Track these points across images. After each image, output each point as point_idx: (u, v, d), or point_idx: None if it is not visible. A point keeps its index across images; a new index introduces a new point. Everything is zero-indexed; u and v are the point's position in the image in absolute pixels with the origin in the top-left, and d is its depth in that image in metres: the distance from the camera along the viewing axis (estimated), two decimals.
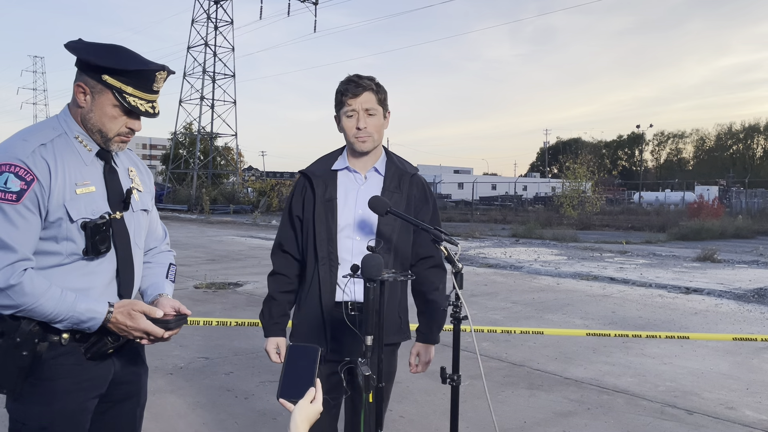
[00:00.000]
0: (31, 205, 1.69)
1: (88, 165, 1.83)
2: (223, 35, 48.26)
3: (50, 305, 1.69)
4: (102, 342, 1.80)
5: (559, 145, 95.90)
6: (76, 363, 1.80)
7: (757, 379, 5.23)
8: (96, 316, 1.74)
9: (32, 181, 1.69)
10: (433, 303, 2.48)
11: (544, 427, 4.10)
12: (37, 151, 1.72)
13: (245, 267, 12.17)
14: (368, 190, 2.38)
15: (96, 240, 1.77)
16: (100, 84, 1.77)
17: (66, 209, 1.74)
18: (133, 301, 1.82)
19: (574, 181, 30.69)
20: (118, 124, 1.81)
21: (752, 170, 69.53)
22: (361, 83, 2.33)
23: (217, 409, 4.33)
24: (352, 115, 2.34)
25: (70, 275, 1.77)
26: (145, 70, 1.78)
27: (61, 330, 1.75)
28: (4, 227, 1.66)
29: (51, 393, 1.76)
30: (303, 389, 1.37)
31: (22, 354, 1.71)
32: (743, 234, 22.76)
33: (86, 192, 1.79)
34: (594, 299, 9.07)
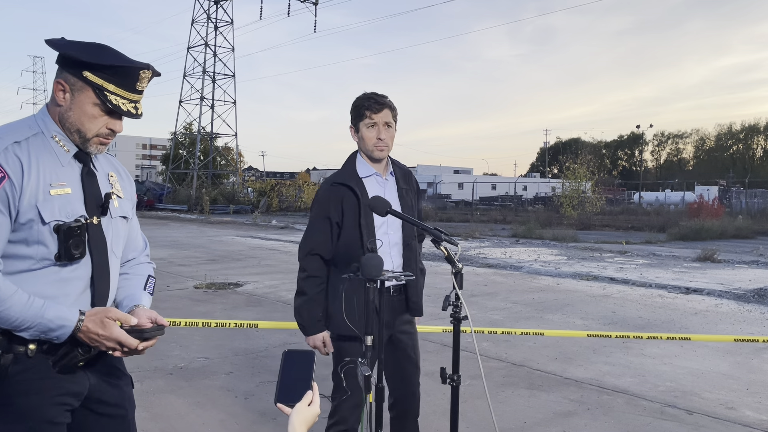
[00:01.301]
0: (1, 205, 1.60)
1: (64, 166, 1.72)
2: (223, 35, 48.29)
3: (15, 311, 1.57)
4: (72, 353, 1.68)
5: (559, 145, 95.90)
6: (45, 377, 1.67)
7: (757, 380, 5.23)
8: (66, 324, 1.62)
9: (2, 179, 1.60)
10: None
11: (544, 427, 4.10)
12: (10, 149, 1.63)
13: (245, 267, 12.17)
14: (390, 191, 2.80)
15: (69, 244, 1.66)
16: (80, 81, 1.68)
17: (38, 210, 1.63)
18: (107, 309, 1.71)
19: (574, 182, 30.70)
20: (98, 124, 1.72)
21: (752, 170, 69.53)
22: (382, 101, 2.72)
23: (217, 409, 4.33)
24: (372, 126, 2.71)
25: (40, 281, 1.66)
26: (129, 67, 1.70)
27: (27, 340, 1.63)
28: None
29: (21, 408, 1.64)
30: (300, 393, 1.39)
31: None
32: (743, 234, 22.76)
33: (61, 193, 1.68)
34: (594, 299, 9.07)
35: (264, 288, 9.53)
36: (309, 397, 1.39)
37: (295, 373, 1.42)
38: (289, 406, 1.37)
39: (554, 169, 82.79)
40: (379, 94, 2.76)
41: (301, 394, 1.39)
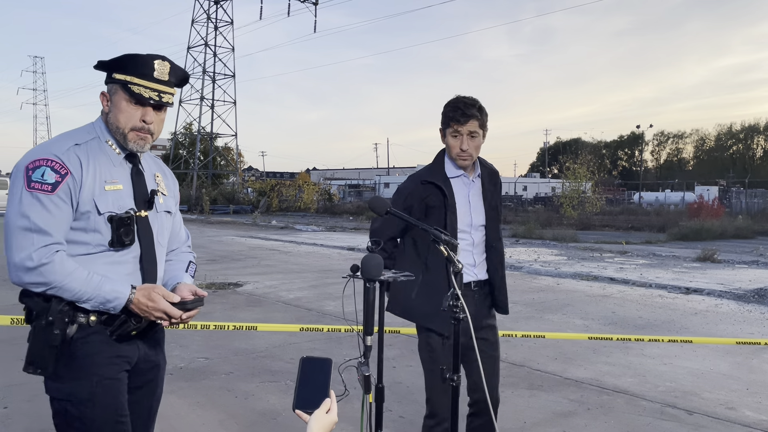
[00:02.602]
0: (65, 195, 1.87)
1: (116, 166, 2.00)
2: (223, 35, 48.32)
3: (77, 284, 1.84)
4: (127, 323, 1.94)
5: (559, 145, 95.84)
6: (105, 342, 1.94)
7: (757, 380, 5.23)
8: (120, 296, 1.88)
9: (66, 175, 1.87)
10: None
11: (544, 427, 4.10)
12: (71, 149, 1.91)
13: (245, 267, 12.18)
14: (475, 192, 2.89)
15: (120, 232, 1.93)
16: (113, 84, 1.96)
17: (95, 203, 1.91)
18: (154, 285, 1.98)
19: (574, 182, 30.70)
20: (132, 117, 1.96)
21: (752, 170, 69.50)
22: (468, 112, 2.72)
23: (217, 409, 4.33)
24: (456, 136, 2.76)
25: (97, 263, 1.92)
26: (140, 56, 1.94)
27: (88, 312, 1.90)
28: (40, 214, 1.84)
29: (87, 366, 1.91)
30: (318, 400, 1.40)
31: (53, 333, 1.86)
32: (743, 234, 22.77)
33: (114, 189, 1.96)
34: (594, 299, 9.07)
35: (264, 288, 9.53)
36: (327, 405, 1.40)
37: (312, 379, 1.43)
38: (307, 413, 1.38)
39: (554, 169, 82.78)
40: (467, 103, 2.74)
41: (319, 401, 1.39)
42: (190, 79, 30.70)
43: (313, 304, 8.28)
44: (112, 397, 1.95)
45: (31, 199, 1.84)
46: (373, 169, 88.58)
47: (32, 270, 1.82)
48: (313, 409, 1.38)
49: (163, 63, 1.98)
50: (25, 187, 1.85)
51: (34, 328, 1.88)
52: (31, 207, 1.84)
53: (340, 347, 5.99)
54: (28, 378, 5.29)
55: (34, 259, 1.81)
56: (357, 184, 61.14)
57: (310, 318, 7.37)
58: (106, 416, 1.92)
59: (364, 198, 47.43)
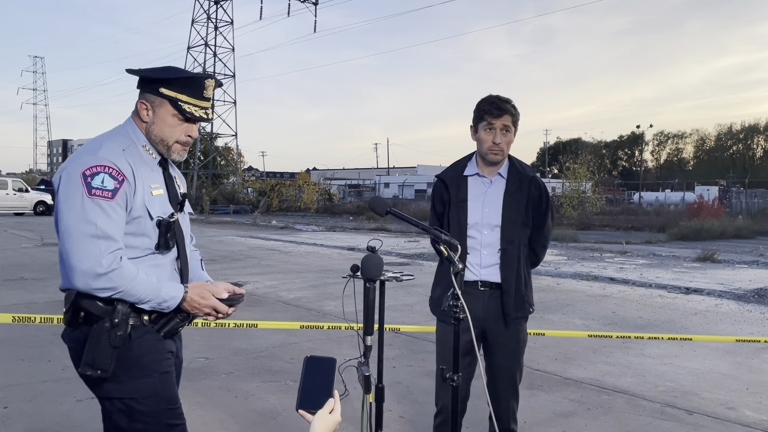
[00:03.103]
0: (121, 201, 1.93)
1: (154, 171, 2.07)
2: (223, 35, 48.31)
3: (141, 288, 1.91)
4: (174, 321, 2.05)
5: (559, 145, 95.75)
6: (156, 339, 2.03)
7: (757, 380, 5.23)
8: (176, 296, 1.98)
9: (123, 181, 1.93)
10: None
11: (544, 427, 4.10)
12: (122, 156, 1.96)
13: (245, 267, 12.18)
14: (494, 192, 2.84)
15: (168, 237, 2.02)
16: (159, 97, 2.01)
17: (146, 208, 1.98)
18: (204, 283, 2.09)
19: (574, 182, 30.70)
20: (178, 132, 2.05)
21: (752, 170, 69.48)
22: (503, 107, 2.74)
23: (217, 409, 4.33)
24: (490, 130, 2.76)
25: (142, 266, 1.97)
26: (196, 77, 2.03)
27: (142, 312, 1.98)
28: (105, 221, 1.89)
29: (147, 364, 2.00)
30: (322, 400, 1.39)
31: (117, 334, 1.92)
32: (743, 234, 22.76)
33: (158, 194, 2.04)
34: (594, 299, 9.07)
35: (264, 288, 9.53)
36: (330, 405, 1.39)
37: (316, 379, 1.42)
38: (310, 413, 1.38)
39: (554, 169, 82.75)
40: (501, 99, 2.78)
41: (323, 401, 1.39)
42: None
43: (313, 304, 8.28)
44: (170, 388, 2.07)
45: (94, 205, 1.88)
46: (373, 169, 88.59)
47: (102, 276, 1.86)
48: (317, 409, 1.38)
49: (212, 81, 2.07)
50: (86, 194, 1.88)
51: (95, 331, 1.92)
52: (96, 214, 1.88)
53: (340, 347, 5.99)
54: (28, 378, 5.32)
55: (104, 265, 1.86)
56: (357, 184, 61.13)
57: (310, 318, 7.37)
58: (167, 407, 2.04)
59: (364, 198, 47.42)
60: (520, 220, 2.83)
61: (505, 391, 2.91)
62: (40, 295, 8.55)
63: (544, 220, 2.91)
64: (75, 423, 4.03)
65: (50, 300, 8.15)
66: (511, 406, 2.93)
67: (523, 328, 2.96)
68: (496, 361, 2.91)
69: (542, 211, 2.90)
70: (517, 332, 2.92)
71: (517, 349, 2.93)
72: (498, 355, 2.90)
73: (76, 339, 1.98)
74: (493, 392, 2.88)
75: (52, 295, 8.57)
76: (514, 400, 2.95)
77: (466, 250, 2.83)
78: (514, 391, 2.94)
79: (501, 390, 2.91)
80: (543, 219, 2.90)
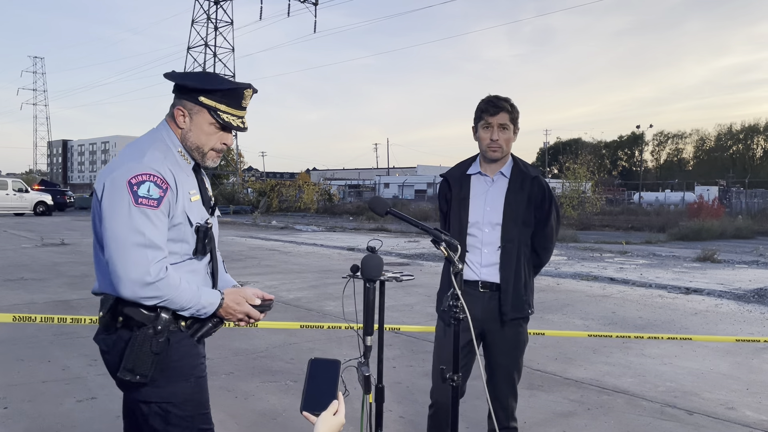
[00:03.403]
0: (165, 209, 1.94)
1: (189, 176, 2.07)
2: (223, 36, 48.32)
3: (185, 296, 1.94)
4: (207, 326, 2.08)
5: (559, 145, 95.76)
6: (191, 344, 2.07)
7: (757, 380, 5.23)
8: (214, 302, 2.01)
9: (167, 189, 1.94)
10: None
11: (544, 427, 4.10)
12: (163, 162, 1.97)
13: (246, 267, 12.18)
14: (496, 191, 2.88)
15: (205, 242, 2.05)
16: (197, 105, 2.01)
17: (187, 215, 2.00)
18: (237, 289, 2.12)
19: (574, 182, 30.70)
20: (214, 140, 2.06)
21: (752, 170, 69.48)
22: (499, 104, 2.80)
23: (216, 409, 4.30)
24: (487, 128, 2.81)
25: (180, 272, 1.99)
26: (236, 88, 2.02)
27: (180, 317, 2.00)
28: (151, 230, 1.89)
29: (185, 368, 2.04)
30: (326, 402, 1.39)
31: (159, 341, 1.94)
32: (743, 234, 22.76)
33: (196, 199, 2.06)
34: (594, 299, 9.07)
35: (264, 288, 9.45)
36: (335, 407, 1.39)
37: (320, 381, 1.42)
38: (314, 415, 1.38)
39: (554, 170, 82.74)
40: (498, 98, 2.83)
41: (327, 403, 1.39)
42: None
43: (313, 305, 8.28)
44: (204, 393, 2.11)
45: (141, 215, 1.88)
46: (373, 169, 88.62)
47: (150, 285, 1.88)
48: (321, 410, 1.38)
49: (250, 91, 2.07)
50: (133, 203, 1.88)
51: (137, 337, 1.93)
52: (143, 223, 1.88)
53: (340, 347, 5.98)
54: (28, 378, 5.31)
55: (152, 274, 1.87)
56: (357, 185, 61.14)
57: (310, 318, 7.37)
58: (201, 412, 2.08)
59: (364, 198, 47.41)
60: (521, 219, 2.84)
61: (503, 390, 2.92)
62: (40, 295, 8.55)
63: (547, 220, 2.91)
64: (75, 423, 4.03)
65: (50, 300, 8.14)
66: (510, 404, 2.94)
67: (522, 330, 2.97)
68: (495, 361, 2.92)
69: (545, 212, 2.90)
70: (516, 334, 2.92)
71: (516, 350, 2.94)
72: (497, 355, 2.91)
73: (112, 344, 1.99)
74: (491, 391, 2.88)
75: (51, 295, 8.57)
76: (513, 398, 2.96)
77: (466, 248, 2.85)
78: (512, 391, 2.95)
79: (499, 389, 2.92)
80: (546, 219, 2.90)
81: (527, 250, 2.90)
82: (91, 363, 5.29)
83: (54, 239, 17.35)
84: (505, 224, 2.83)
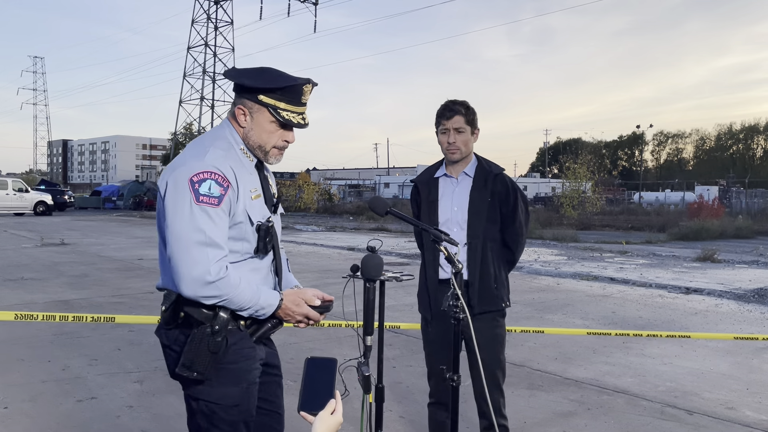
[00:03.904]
0: (226, 208, 1.93)
1: (251, 174, 2.06)
2: (223, 35, 48.33)
3: (245, 296, 1.92)
4: (266, 326, 2.06)
5: (559, 145, 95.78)
6: (248, 346, 2.04)
7: (757, 379, 5.23)
8: (273, 303, 1.99)
9: (228, 187, 1.93)
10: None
11: (544, 427, 4.10)
12: (226, 160, 1.96)
13: None
14: (461, 191, 2.97)
15: (266, 241, 2.03)
16: (257, 104, 2.00)
17: (248, 213, 1.99)
18: (297, 290, 2.08)
19: (574, 182, 30.68)
20: (275, 137, 2.04)
21: (752, 170, 69.47)
22: (453, 108, 2.90)
23: None
24: (445, 132, 2.92)
25: (241, 271, 1.98)
26: (295, 85, 1.99)
27: (239, 317, 1.99)
28: (212, 228, 1.89)
29: (239, 372, 2.01)
30: (323, 401, 1.39)
31: (216, 340, 1.93)
32: (743, 234, 22.74)
33: (257, 198, 2.04)
34: (594, 299, 9.07)
35: None
36: (332, 405, 1.39)
37: (317, 380, 1.42)
38: (312, 414, 1.37)
39: (554, 169, 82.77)
40: (454, 102, 2.93)
41: (324, 402, 1.38)
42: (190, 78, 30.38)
43: None
44: (252, 401, 2.06)
45: (202, 213, 1.88)
46: (373, 169, 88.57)
47: (210, 284, 1.87)
48: (318, 410, 1.37)
49: (310, 86, 2.04)
50: (194, 201, 1.88)
51: (196, 335, 1.93)
52: (205, 221, 1.88)
53: (341, 347, 5.98)
54: (28, 378, 5.31)
55: (212, 273, 1.87)
56: (357, 184, 61.11)
57: None
58: (244, 419, 2.04)
59: (364, 198, 47.41)
60: (485, 215, 2.92)
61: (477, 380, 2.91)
62: (40, 295, 8.55)
63: (514, 214, 2.97)
64: (75, 423, 4.03)
65: (50, 300, 8.15)
66: (496, 400, 2.94)
67: (498, 324, 3.00)
68: (473, 357, 2.93)
69: (511, 207, 2.96)
70: (490, 327, 2.95)
71: (493, 343, 2.96)
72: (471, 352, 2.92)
73: (174, 339, 2.00)
74: (476, 388, 2.90)
75: (51, 295, 8.58)
76: (498, 394, 2.97)
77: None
78: (496, 386, 2.96)
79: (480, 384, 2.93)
80: (513, 214, 2.97)
81: (495, 245, 2.97)
82: (91, 363, 5.30)
83: (54, 239, 17.35)
84: (470, 221, 2.92)
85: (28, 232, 20.21)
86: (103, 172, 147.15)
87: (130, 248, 15.60)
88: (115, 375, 5.04)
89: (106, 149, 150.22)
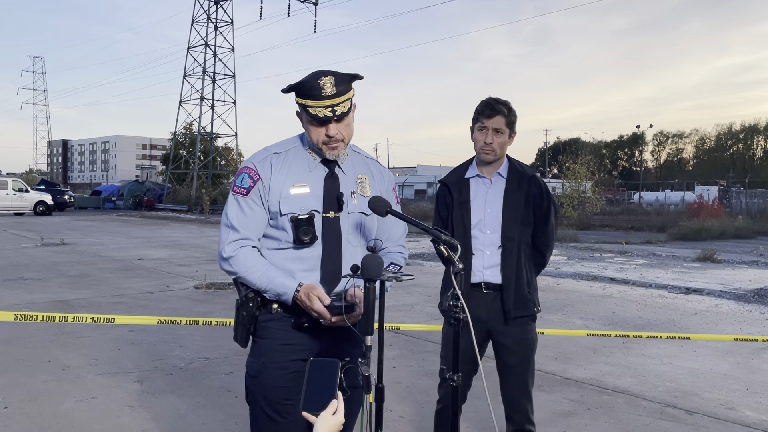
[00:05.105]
0: (256, 198, 2.16)
1: (311, 171, 2.20)
2: (223, 35, 48.25)
3: (254, 277, 2.12)
4: (299, 316, 2.15)
5: (558, 145, 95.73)
6: (282, 329, 2.17)
7: (757, 380, 5.23)
8: (287, 291, 2.10)
9: (257, 180, 2.16)
10: None
11: (544, 427, 4.10)
12: (268, 158, 2.20)
13: None
14: (494, 192, 2.90)
15: (300, 231, 2.13)
16: (299, 107, 2.16)
17: (279, 205, 2.15)
18: (314, 285, 2.11)
19: (574, 182, 30.65)
20: (317, 133, 2.15)
21: (752, 170, 69.47)
22: (496, 107, 2.82)
23: (217, 409, 4.32)
24: (482, 130, 2.84)
25: (284, 257, 2.17)
26: (306, 81, 2.09)
27: (273, 301, 2.16)
28: (235, 213, 2.17)
29: (261, 347, 2.18)
30: (325, 402, 1.39)
31: (242, 314, 2.17)
32: (743, 234, 22.76)
33: (300, 192, 2.17)
34: (594, 299, 9.07)
35: None
36: (334, 406, 1.40)
37: (320, 381, 1.43)
38: (314, 415, 1.37)
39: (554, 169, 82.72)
40: (497, 101, 2.85)
41: (326, 403, 1.39)
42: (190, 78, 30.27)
43: None
44: (274, 379, 2.15)
45: (233, 200, 2.19)
46: None
47: (225, 260, 2.16)
48: (320, 411, 1.38)
49: (327, 78, 2.09)
50: (232, 191, 2.21)
51: (235, 304, 2.21)
52: (231, 207, 2.19)
53: None
54: (28, 378, 5.31)
55: (226, 251, 2.15)
56: None
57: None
58: (268, 395, 2.15)
59: None
60: (520, 218, 2.86)
61: (516, 392, 2.90)
62: (40, 295, 8.55)
63: (547, 218, 2.93)
64: (75, 423, 4.03)
65: (50, 300, 8.14)
66: (524, 407, 2.91)
67: (530, 329, 2.95)
68: (504, 362, 2.92)
69: (544, 210, 2.92)
70: (524, 332, 2.90)
71: (526, 349, 2.92)
72: (505, 356, 2.90)
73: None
74: (505, 394, 2.88)
75: (51, 295, 8.57)
76: (527, 400, 2.93)
77: (471, 250, 2.88)
78: (526, 392, 2.93)
79: (512, 391, 2.91)
80: (546, 217, 2.93)
81: (528, 249, 2.92)
82: (91, 363, 5.30)
83: (54, 239, 17.34)
84: (504, 224, 2.85)
85: (28, 232, 20.20)
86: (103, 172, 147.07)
87: (130, 248, 15.60)
88: (115, 375, 5.04)
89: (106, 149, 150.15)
